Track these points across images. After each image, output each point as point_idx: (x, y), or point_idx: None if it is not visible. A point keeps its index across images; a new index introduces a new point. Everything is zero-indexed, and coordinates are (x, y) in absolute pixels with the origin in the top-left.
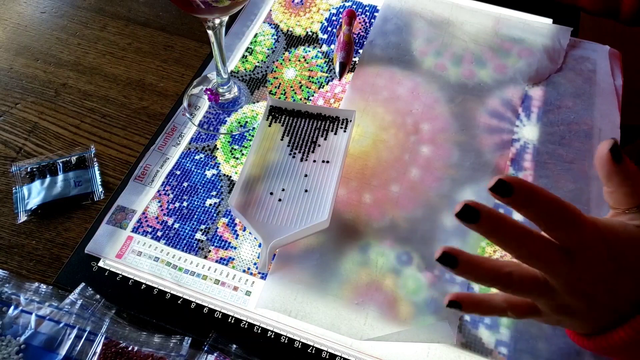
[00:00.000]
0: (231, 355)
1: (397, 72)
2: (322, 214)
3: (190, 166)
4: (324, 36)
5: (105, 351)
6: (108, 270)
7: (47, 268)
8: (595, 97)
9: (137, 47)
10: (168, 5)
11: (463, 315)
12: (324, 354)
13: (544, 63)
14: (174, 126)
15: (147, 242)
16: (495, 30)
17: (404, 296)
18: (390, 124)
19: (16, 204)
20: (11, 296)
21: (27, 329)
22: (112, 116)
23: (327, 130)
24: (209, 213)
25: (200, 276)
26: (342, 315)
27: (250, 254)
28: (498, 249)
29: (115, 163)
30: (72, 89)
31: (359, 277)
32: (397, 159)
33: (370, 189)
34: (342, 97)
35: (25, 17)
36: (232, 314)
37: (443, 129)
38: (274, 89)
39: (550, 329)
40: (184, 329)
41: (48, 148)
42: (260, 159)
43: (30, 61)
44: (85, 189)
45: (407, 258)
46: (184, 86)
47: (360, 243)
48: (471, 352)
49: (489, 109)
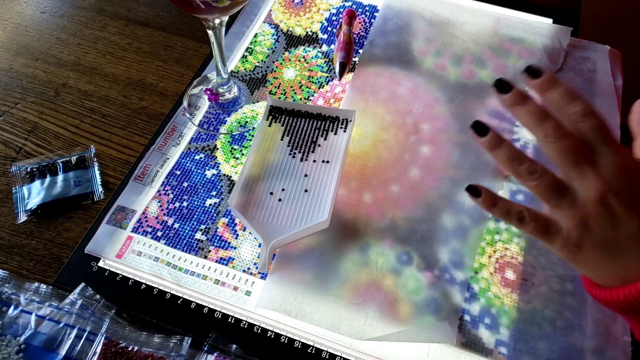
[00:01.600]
0: (231, 355)
1: (397, 72)
2: (322, 214)
3: (190, 166)
4: (324, 36)
5: (105, 351)
6: (108, 270)
7: (47, 268)
8: (595, 97)
9: (137, 47)
10: (168, 5)
11: (463, 315)
12: (324, 354)
13: (544, 63)
14: (174, 126)
15: (147, 242)
16: (495, 30)
17: (404, 296)
18: (390, 124)
19: (16, 204)
20: (11, 296)
21: (27, 329)
22: (112, 116)
23: (327, 130)
24: (209, 213)
25: (200, 276)
26: (342, 315)
27: (250, 254)
28: (498, 248)
29: (115, 163)
30: (72, 89)
31: (359, 277)
32: (397, 159)
33: (370, 189)
34: (342, 97)
35: (25, 17)
36: (232, 314)
37: (443, 129)
38: (274, 89)
39: (551, 328)
40: (184, 329)
41: (48, 148)
42: (260, 159)
43: (30, 61)
44: (85, 189)
45: (407, 258)
46: (184, 86)
47: (360, 243)
48: (471, 352)
49: (489, 109)
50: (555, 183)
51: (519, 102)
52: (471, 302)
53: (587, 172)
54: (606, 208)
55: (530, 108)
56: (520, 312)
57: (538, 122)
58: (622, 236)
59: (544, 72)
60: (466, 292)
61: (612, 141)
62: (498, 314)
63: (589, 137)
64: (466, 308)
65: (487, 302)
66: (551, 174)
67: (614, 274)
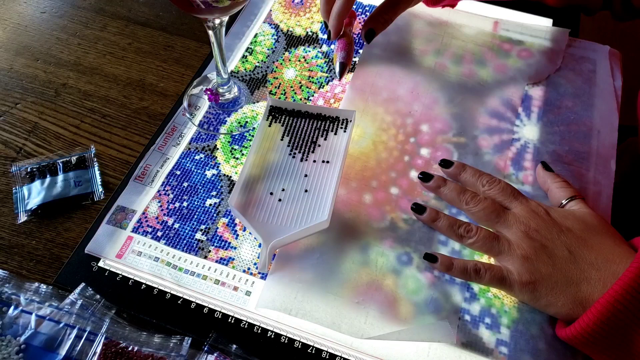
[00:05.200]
0: (231, 355)
1: (397, 71)
2: (322, 214)
3: (190, 166)
4: (324, 36)
5: (105, 351)
6: (108, 270)
7: (47, 268)
8: (594, 97)
9: (137, 47)
10: (168, 5)
11: (463, 315)
12: (324, 354)
13: (543, 64)
14: (174, 126)
15: (147, 242)
16: (494, 32)
17: (404, 296)
18: (390, 124)
19: (16, 204)
20: (11, 296)
21: (27, 329)
22: (112, 116)
23: (327, 131)
24: (209, 213)
25: (200, 276)
26: (343, 314)
27: (250, 254)
28: None
29: (115, 163)
30: (72, 89)
31: (359, 277)
32: (397, 159)
33: (370, 190)
34: (342, 97)
35: (25, 17)
36: (232, 314)
37: (443, 129)
38: (274, 89)
39: (551, 328)
40: (184, 329)
41: (48, 148)
42: (260, 159)
43: (31, 61)
44: (85, 189)
45: (407, 258)
46: (184, 86)
47: (360, 243)
48: (471, 351)
49: (489, 109)
50: (489, 235)
51: (440, 185)
52: (471, 302)
53: (508, 220)
54: (535, 241)
55: (450, 187)
56: (521, 312)
57: (457, 196)
58: (560, 262)
59: (453, 163)
60: (466, 292)
61: (517, 195)
62: (498, 313)
63: (499, 198)
64: (466, 308)
65: (487, 302)
66: (485, 229)
67: (571, 300)
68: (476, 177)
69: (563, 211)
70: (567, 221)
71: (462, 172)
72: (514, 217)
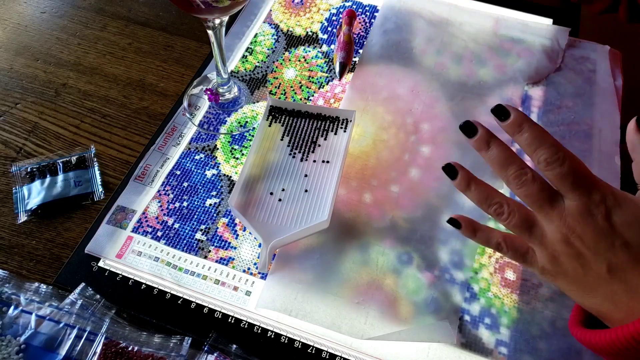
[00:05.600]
0: (231, 355)
1: (397, 71)
2: (322, 214)
3: (190, 166)
4: (324, 36)
5: (105, 351)
6: (108, 270)
7: (47, 268)
8: (595, 97)
9: (137, 47)
10: (168, 5)
11: (463, 315)
12: (324, 354)
13: (542, 63)
14: (174, 126)
15: (147, 242)
16: (494, 30)
17: (404, 296)
18: (390, 123)
19: (16, 204)
20: (11, 296)
21: (27, 329)
22: (112, 116)
23: (327, 130)
24: (209, 213)
25: (200, 276)
26: (343, 314)
27: (250, 254)
28: None
29: (115, 163)
30: (72, 89)
31: (359, 277)
32: (397, 158)
33: (370, 189)
34: (342, 97)
35: (25, 17)
36: (232, 314)
37: (443, 129)
38: (274, 89)
39: (551, 328)
40: (184, 329)
41: (48, 148)
42: (260, 159)
43: (30, 61)
44: (85, 189)
45: (407, 258)
46: (184, 86)
47: (360, 243)
48: (471, 352)
49: (489, 108)
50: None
51: (482, 148)
52: (471, 302)
53: (551, 215)
54: (572, 249)
55: (492, 154)
56: (521, 312)
57: (500, 169)
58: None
59: (511, 113)
60: (466, 292)
61: (580, 185)
62: (498, 314)
63: (554, 184)
64: (466, 308)
65: (487, 303)
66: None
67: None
68: (533, 148)
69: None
70: (630, 231)
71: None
72: (559, 215)
